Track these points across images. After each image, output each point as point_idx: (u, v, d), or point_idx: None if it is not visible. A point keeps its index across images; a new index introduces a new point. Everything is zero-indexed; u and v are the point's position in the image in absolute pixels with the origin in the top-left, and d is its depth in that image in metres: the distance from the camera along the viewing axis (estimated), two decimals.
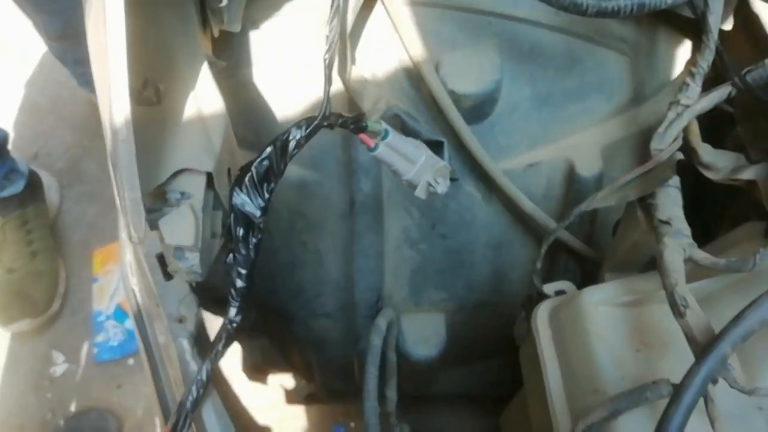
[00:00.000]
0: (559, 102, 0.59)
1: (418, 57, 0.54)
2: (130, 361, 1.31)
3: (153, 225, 0.36)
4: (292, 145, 0.42)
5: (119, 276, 1.31)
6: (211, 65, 0.48)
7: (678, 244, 0.47)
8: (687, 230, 0.48)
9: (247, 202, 0.41)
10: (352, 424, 1.16)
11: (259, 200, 0.41)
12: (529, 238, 0.65)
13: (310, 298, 0.66)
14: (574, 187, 0.60)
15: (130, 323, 1.33)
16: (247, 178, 0.41)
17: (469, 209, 0.62)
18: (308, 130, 0.42)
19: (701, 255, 0.47)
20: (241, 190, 0.40)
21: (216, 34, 0.51)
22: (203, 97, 0.42)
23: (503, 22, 0.55)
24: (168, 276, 0.42)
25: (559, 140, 0.59)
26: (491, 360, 0.81)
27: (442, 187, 0.49)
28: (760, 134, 0.57)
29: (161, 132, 0.39)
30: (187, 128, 0.40)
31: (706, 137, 0.58)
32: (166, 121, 0.40)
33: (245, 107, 0.59)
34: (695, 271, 0.49)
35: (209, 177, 0.39)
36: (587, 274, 0.66)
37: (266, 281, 0.65)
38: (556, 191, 0.61)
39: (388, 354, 0.70)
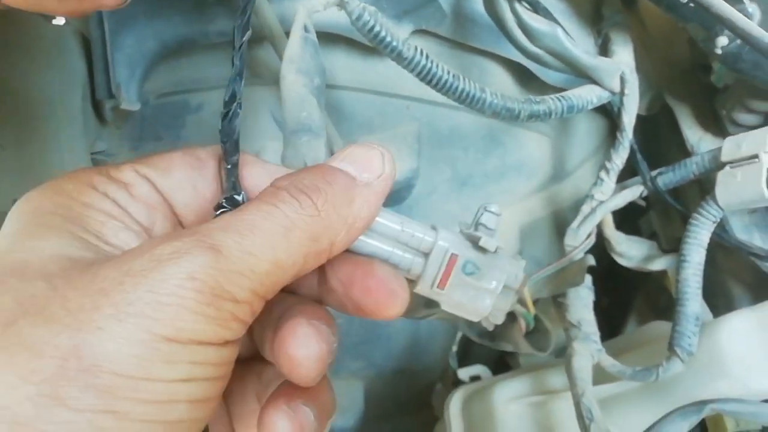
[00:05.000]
0: (478, 183, 0.58)
1: (331, 140, 0.52)
2: None
3: None
4: None
5: None
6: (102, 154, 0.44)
7: (586, 350, 0.47)
8: (596, 334, 0.48)
9: None
10: None
11: None
12: None
13: None
14: None
15: None
16: None
17: None
18: None
19: (608, 362, 0.47)
20: None
21: (110, 118, 0.48)
22: None
23: (422, 106, 0.54)
24: None
25: None
26: (412, 417, 0.80)
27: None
28: (670, 222, 0.59)
29: None
30: None
31: (621, 218, 0.58)
32: None
33: None
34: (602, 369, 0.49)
35: None
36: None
37: None
38: None
39: None
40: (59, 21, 0.48)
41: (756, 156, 0.43)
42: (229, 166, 0.27)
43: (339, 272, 0.28)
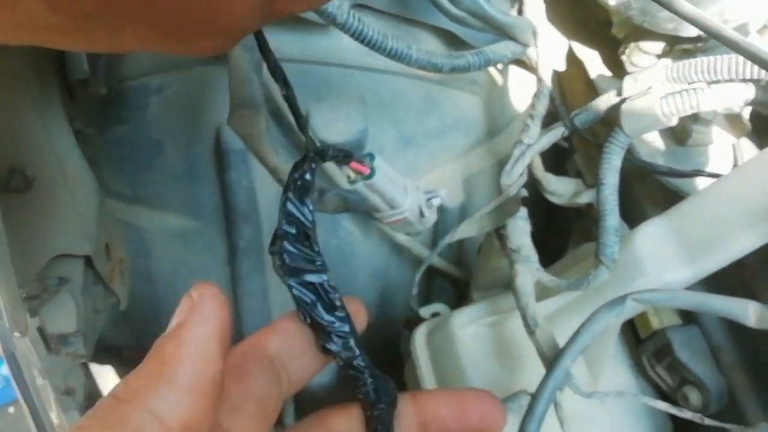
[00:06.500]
0: (421, 142, 0.64)
1: (280, 110, 0.58)
2: (11, 409, 1.24)
3: (33, 313, 0.36)
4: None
5: None
6: (80, 134, 0.48)
7: (527, 270, 0.54)
8: (534, 256, 0.55)
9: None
10: None
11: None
12: (408, 262, 0.70)
13: None
14: (440, 218, 0.65)
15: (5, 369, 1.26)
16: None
17: (349, 244, 0.66)
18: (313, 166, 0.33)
19: (546, 278, 0.54)
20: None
21: (81, 102, 0.52)
22: (73, 177, 0.42)
23: (365, 74, 0.60)
24: (52, 351, 0.43)
25: (424, 176, 0.65)
26: (386, 371, 0.86)
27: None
28: (592, 161, 0.66)
29: (33, 218, 0.39)
30: (60, 211, 0.40)
31: (551, 164, 0.66)
32: (38, 207, 0.40)
33: (119, 163, 0.59)
34: (544, 288, 0.56)
35: (87, 259, 0.40)
36: (460, 292, 0.72)
37: (153, 328, 0.65)
38: None
39: None
40: None
41: (650, 88, 0.51)
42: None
43: None
